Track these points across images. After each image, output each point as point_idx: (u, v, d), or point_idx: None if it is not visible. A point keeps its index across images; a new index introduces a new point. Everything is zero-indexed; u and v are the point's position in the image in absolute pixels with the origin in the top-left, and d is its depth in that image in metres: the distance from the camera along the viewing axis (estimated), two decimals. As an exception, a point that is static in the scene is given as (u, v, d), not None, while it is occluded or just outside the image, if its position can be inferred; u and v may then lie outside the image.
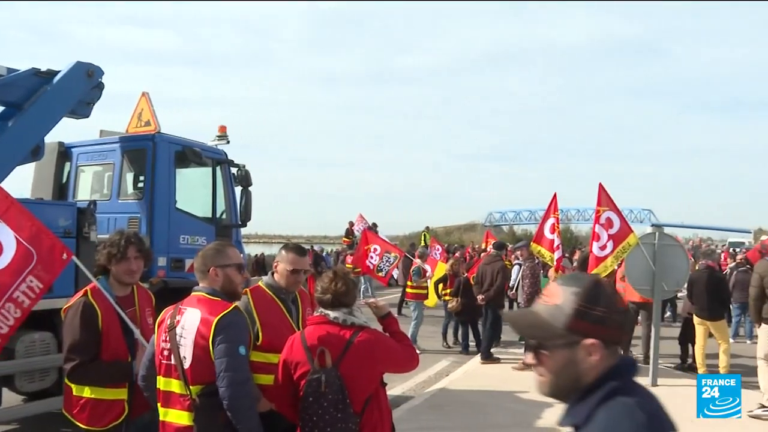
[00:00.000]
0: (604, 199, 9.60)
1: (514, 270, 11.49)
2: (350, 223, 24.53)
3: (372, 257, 13.21)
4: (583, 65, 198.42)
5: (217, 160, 9.29)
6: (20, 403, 6.72)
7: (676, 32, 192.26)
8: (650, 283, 9.47)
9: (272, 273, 4.23)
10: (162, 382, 3.43)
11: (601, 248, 9.43)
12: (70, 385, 3.91)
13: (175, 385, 3.35)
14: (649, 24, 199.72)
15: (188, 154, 8.69)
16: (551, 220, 10.81)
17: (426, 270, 13.20)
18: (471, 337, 12.36)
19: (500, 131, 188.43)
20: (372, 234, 15.29)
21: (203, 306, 3.38)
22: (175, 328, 3.38)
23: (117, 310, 3.91)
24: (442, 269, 13.00)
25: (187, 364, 3.30)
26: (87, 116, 8.20)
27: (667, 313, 15.71)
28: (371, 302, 3.81)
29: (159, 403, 3.45)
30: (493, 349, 11.35)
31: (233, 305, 3.44)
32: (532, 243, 11.17)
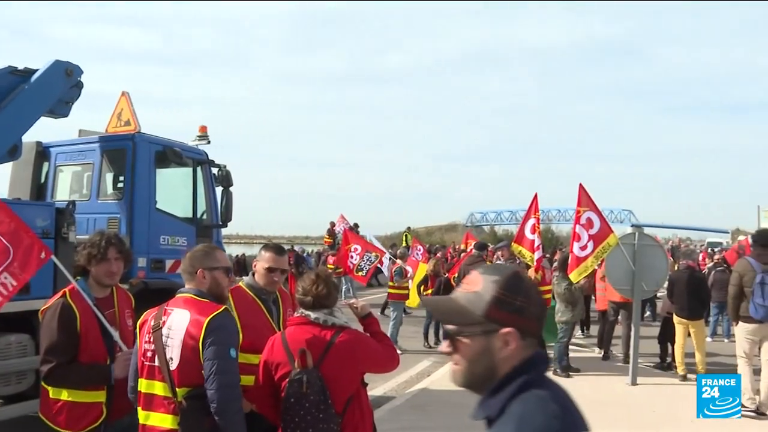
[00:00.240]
0: (584, 199, 9.65)
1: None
2: (331, 224, 24.52)
3: (352, 256, 13.22)
4: (564, 66, 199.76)
5: (197, 160, 9.23)
6: (-4, 406, 6.64)
7: (655, 35, 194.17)
8: (630, 283, 9.55)
9: (253, 273, 4.22)
10: (144, 384, 3.36)
11: (582, 248, 9.48)
12: (47, 388, 3.85)
13: (159, 388, 3.29)
14: (629, 26, 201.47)
15: (168, 154, 8.64)
16: (532, 221, 10.86)
17: (407, 271, 13.22)
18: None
19: (481, 132, 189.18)
20: (353, 234, 15.31)
21: (192, 307, 3.33)
22: (161, 329, 3.32)
23: (95, 312, 3.87)
24: (423, 270, 13.02)
25: (174, 366, 3.24)
26: (66, 116, 8.13)
27: (647, 313, 15.84)
28: (352, 303, 3.80)
29: (139, 406, 3.38)
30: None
31: (223, 307, 3.39)
32: (513, 243, 11.21)
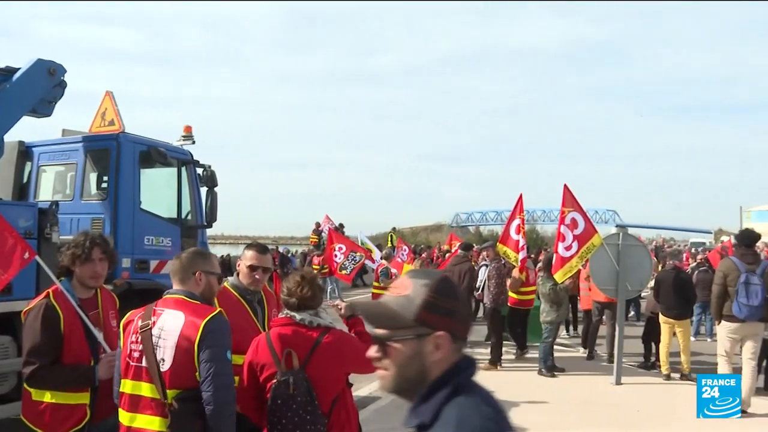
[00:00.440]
0: (569, 200, 9.70)
1: (481, 271, 11.55)
2: (317, 224, 24.50)
3: (336, 255, 13.25)
4: (549, 67, 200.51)
5: (182, 160, 9.21)
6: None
7: (642, 37, 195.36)
8: (614, 283, 9.61)
9: (237, 274, 4.21)
10: (128, 385, 3.29)
11: (567, 249, 9.53)
12: (30, 390, 3.81)
13: (146, 389, 3.23)
14: (615, 28, 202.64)
15: (153, 155, 8.61)
16: (517, 221, 10.89)
17: (393, 272, 13.23)
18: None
19: (467, 132, 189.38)
20: (337, 234, 15.35)
21: (186, 309, 3.29)
22: (150, 329, 3.27)
23: (79, 313, 3.83)
24: (407, 271, 13.03)
25: (166, 368, 3.19)
26: (49, 115, 8.08)
27: (631, 313, 15.92)
28: (336, 304, 3.80)
29: (122, 408, 3.32)
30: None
31: (218, 309, 3.37)
32: (498, 243, 11.24)
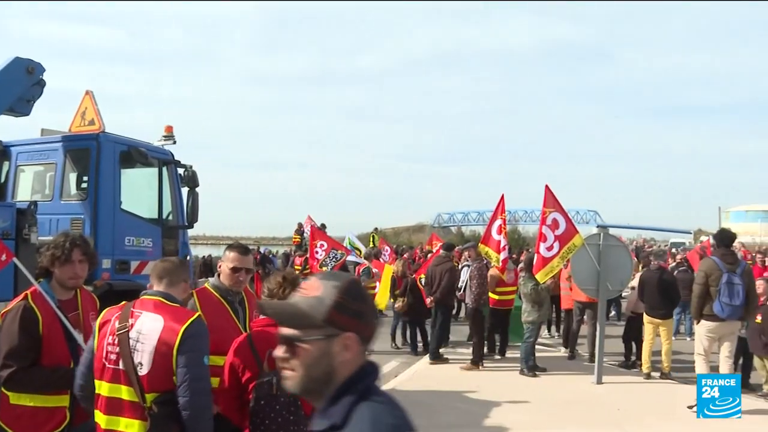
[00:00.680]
0: (550, 200, 9.75)
1: (463, 271, 11.58)
2: (299, 224, 24.43)
3: (318, 252, 13.27)
4: (528, 68, 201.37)
5: (163, 160, 9.16)
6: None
7: (619, 38, 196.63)
8: (595, 283, 9.67)
9: (218, 274, 4.19)
10: (106, 388, 3.27)
11: (548, 249, 9.57)
12: (7, 394, 3.76)
13: (125, 392, 3.22)
14: (593, 30, 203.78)
15: (134, 155, 8.56)
16: (498, 221, 10.92)
17: (374, 272, 13.24)
18: (419, 337, 12.44)
19: (448, 133, 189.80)
20: (319, 232, 15.37)
21: (165, 313, 3.28)
22: (128, 332, 3.25)
23: (59, 314, 3.79)
24: (389, 271, 13.03)
25: (144, 371, 3.18)
26: (27, 114, 8.01)
27: (612, 312, 16.03)
28: None
29: (99, 410, 3.29)
30: (442, 350, 11.41)
31: (197, 313, 3.36)
32: (480, 244, 11.27)
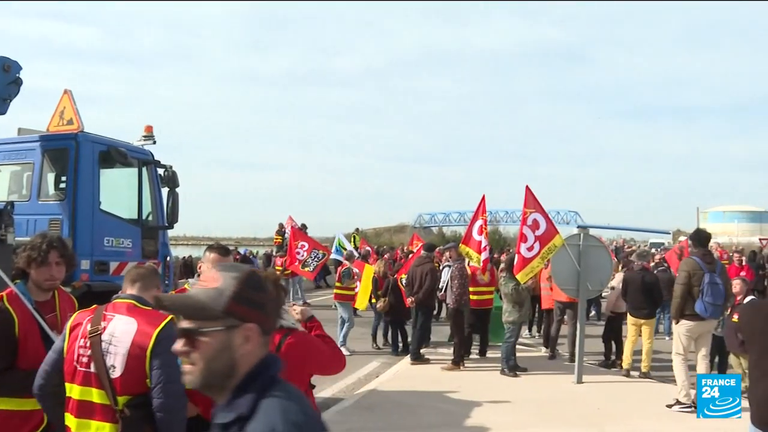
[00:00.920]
0: (530, 201, 9.79)
1: (444, 271, 11.60)
2: (280, 225, 24.40)
3: (300, 252, 13.25)
4: (509, 69, 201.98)
5: (143, 160, 9.11)
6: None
7: (600, 40, 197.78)
8: (575, 283, 9.72)
9: (198, 275, 4.17)
10: (77, 391, 3.24)
11: (529, 249, 9.61)
12: (-19, 397, 3.72)
13: (96, 395, 3.19)
14: (575, 31, 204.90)
15: (113, 155, 8.50)
16: (479, 222, 10.96)
17: (356, 272, 13.24)
18: (400, 338, 12.46)
19: (429, 133, 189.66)
20: (300, 233, 15.36)
21: (138, 316, 3.27)
22: (100, 335, 3.23)
23: (35, 316, 3.75)
24: (370, 272, 13.04)
25: (117, 374, 3.17)
26: (3, 113, 7.91)
27: (592, 312, 16.13)
28: (293, 308, 3.77)
29: (70, 413, 3.26)
30: (423, 350, 11.42)
31: (170, 316, 3.35)
32: (461, 244, 11.31)
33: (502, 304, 10.63)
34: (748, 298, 8.91)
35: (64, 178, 8.32)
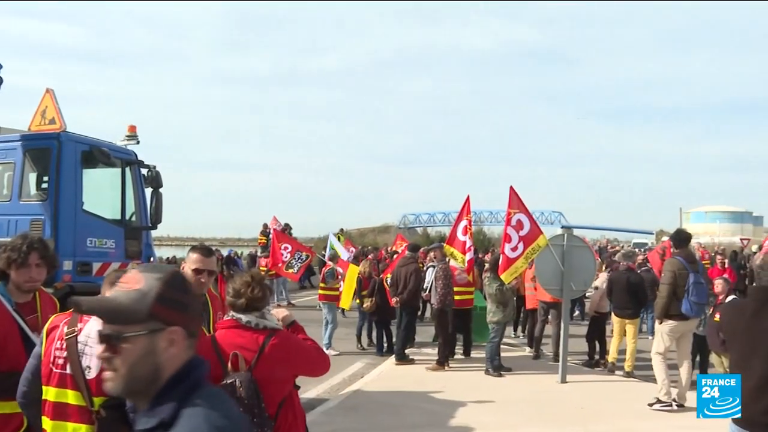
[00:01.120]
0: (515, 201, 9.82)
1: (428, 272, 11.61)
2: (264, 225, 24.31)
3: (283, 254, 13.23)
4: (495, 70, 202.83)
5: (126, 160, 9.06)
6: None
7: (582, 41, 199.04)
8: (559, 283, 9.76)
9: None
10: (53, 393, 3.21)
11: (513, 249, 9.64)
12: (-40, 401, 3.67)
13: (72, 397, 3.17)
14: (557, 32, 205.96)
15: (96, 154, 8.44)
16: (464, 222, 10.99)
17: (339, 273, 13.23)
18: (385, 338, 12.46)
19: (414, 133, 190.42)
20: (282, 234, 15.33)
21: None
22: (76, 336, 3.21)
23: (16, 317, 3.71)
24: (354, 272, 13.03)
25: (92, 375, 3.13)
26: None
27: (576, 312, 16.22)
28: (273, 313, 3.75)
29: (46, 416, 3.24)
30: (407, 350, 11.43)
31: None
32: (445, 245, 11.32)
33: (487, 305, 10.65)
34: (729, 298, 9.01)
35: (46, 178, 8.26)
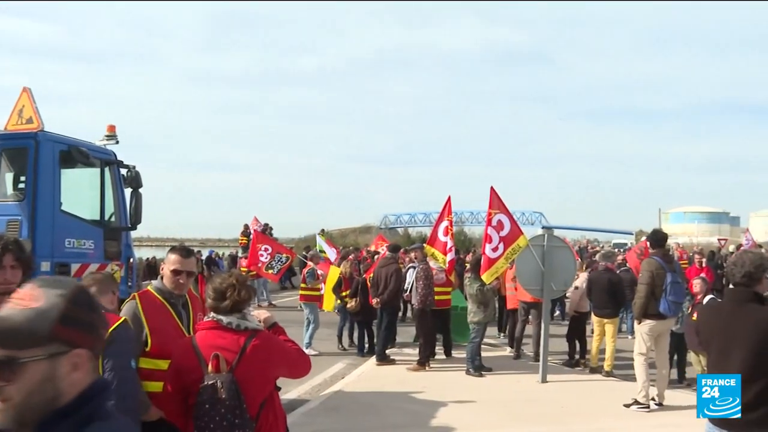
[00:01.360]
0: (495, 202, 9.85)
1: (409, 272, 11.63)
2: (245, 226, 24.25)
3: (263, 255, 13.17)
4: (475, 70, 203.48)
5: (105, 160, 8.97)
6: None
7: (562, 43, 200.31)
8: (540, 283, 9.80)
9: (161, 277, 4.12)
10: None
11: (493, 250, 9.67)
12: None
13: None
14: (536, 34, 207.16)
15: (74, 154, 8.35)
16: (445, 223, 11.01)
17: (320, 273, 13.20)
18: (366, 338, 12.45)
19: (395, 134, 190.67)
20: (262, 235, 15.28)
21: None
22: None
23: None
24: (335, 273, 13.02)
25: None
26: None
27: (556, 312, 16.30)
28: (254, 314, 3.74)
29: None
30: (388, 351, 11.43)
31: (123, 318, 3.35)
32: (426, 245, 11.34)
33: (468, 305, 10.67)
34: (707, 297, 9.12)
35: (23, 178, 8.16)
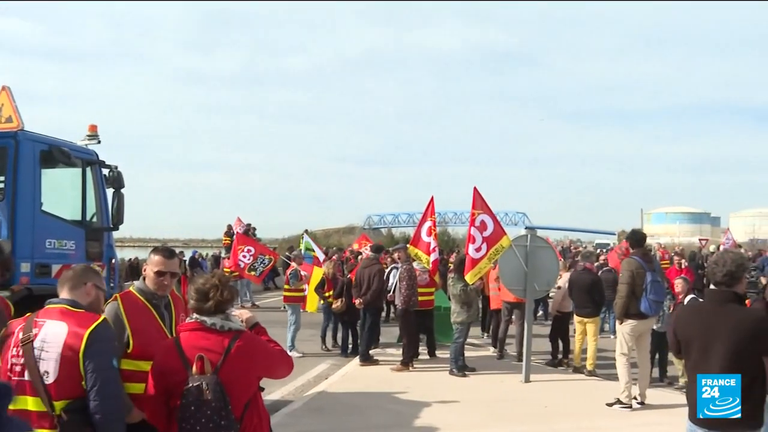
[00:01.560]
0: (478, 202, 9.88)
1: (392, 273, 11.64)
2: (229, 226, 24.17)
3: (246, 256, 13.13)
4: (459, 71, 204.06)
5: (87, 160, 8.90)
6: None
7: (545, 43, 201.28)
8: (523, 283, 9.84)
9: (143, 278, 4.10)
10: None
11: (477, 250, 9.69)
12: None
13: (31, 403, 3.17)
14: (523, 35, 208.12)
15: (55, 154, 8.28)
16: (428, 223, 11.03)
17: (303, 274, 13.18)
18: (350, 339, 12.45)
19: (378, 134, 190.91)
20: (245, 237, 15.24)
21: (69, 318, 3.25)
22: (32, 342, 3.20)
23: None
24: (319, 273, 13.00)
25: (51, 380, 3.15)
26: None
27: (540, 312, 16.38)
28: (236, 314, 3.73)
29: None
30: (372, 351, 11.43)
31: (102, 317, 3.35)
32: (410, 245, 11.35)
33: (451, 305, 10.70)
34: (688, 297, 9.20)
35: (2, 178, 8.08)
